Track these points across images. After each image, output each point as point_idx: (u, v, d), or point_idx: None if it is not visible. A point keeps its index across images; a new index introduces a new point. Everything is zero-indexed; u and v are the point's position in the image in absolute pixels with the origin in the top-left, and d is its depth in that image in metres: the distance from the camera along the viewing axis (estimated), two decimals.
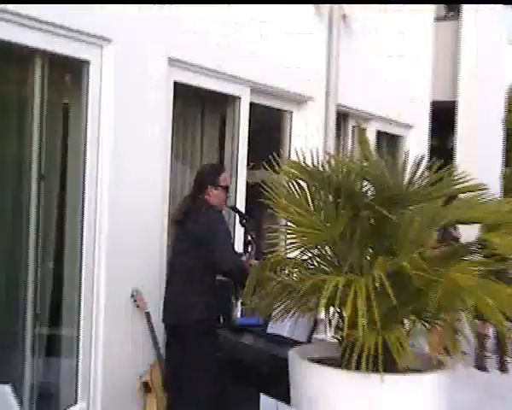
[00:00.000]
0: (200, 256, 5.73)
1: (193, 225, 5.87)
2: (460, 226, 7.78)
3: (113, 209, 6.16)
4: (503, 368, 10.20)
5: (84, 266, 6.09)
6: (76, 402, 5.80)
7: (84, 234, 6.10)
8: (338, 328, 4.92)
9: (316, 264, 5.02)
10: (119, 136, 6.19)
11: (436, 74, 12.11)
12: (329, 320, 4.98)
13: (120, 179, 6.22)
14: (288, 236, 5.12)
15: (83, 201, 6.10)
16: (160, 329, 6.30)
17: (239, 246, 6.82)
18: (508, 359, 10.34)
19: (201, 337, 5.75)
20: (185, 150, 7.44)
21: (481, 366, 9.99)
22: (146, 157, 6.51)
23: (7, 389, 3.95)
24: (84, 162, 6.08)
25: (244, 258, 6.15)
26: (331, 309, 4.81)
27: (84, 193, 6.09)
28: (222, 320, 6.09)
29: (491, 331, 9.82)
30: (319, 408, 4.58)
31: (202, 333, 5.76)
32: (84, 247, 6.10)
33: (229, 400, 5.69)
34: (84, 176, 6.08)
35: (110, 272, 6.16)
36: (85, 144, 6.08)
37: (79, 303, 6.10)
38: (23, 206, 5.77)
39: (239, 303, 6.88)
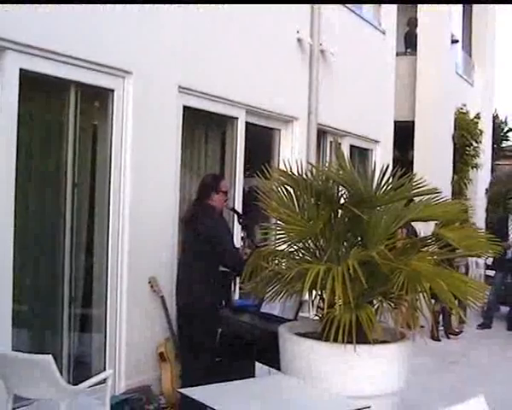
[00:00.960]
0: (206, 251, 5.70)
1: (199, 225, 5.85)
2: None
3: (134, 211, 6.15)
4: (449, 335, 10.27)
5: (109, 258, 6.07)
6: (104, 369, 5.78)
7: (110, 231, 6.08)
8: (319, 307, 4.94)
9: (301, 255, 5.04)
10: (137, 150, 6.17)
11: (397, 99, 12.12)
12: (312, 301, 5.01)
13: (139, 186, 6.20)
14: (278, 232, 5.14)
15: (109, 204, 6.08)
16: (172, 310, 6.29)
17: (237, 240, 6.82)
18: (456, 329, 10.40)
19: (206, 316, 5.72)
20: (192, 162, 7.42)
21: (435, 337, 9.97)
22: (160, 168, 6.50)
23: (49, 358, 3.96)
24: (110, 172, 6.06)
25: (240, 249, 6.17)
26: (313, 292, 4.83)
27: (109, 198, 6.07)
28: (224, 303, 6.07)
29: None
30: (304, 373, 4.59)
31: (207, 313, 5.73)
32: (109, 242, 6.08)
33: (230, 367, 5.67)
34: (109, 183, 6.06)
35: (131, 262, 6.14)
36: (110, 158, 6.07)
37: (106, 288, 6.08)
38: (60, 208, 5.75)
39: (237, 288, 6.89)
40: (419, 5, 14.03)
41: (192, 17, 6.76)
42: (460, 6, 15.72)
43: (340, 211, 5.01)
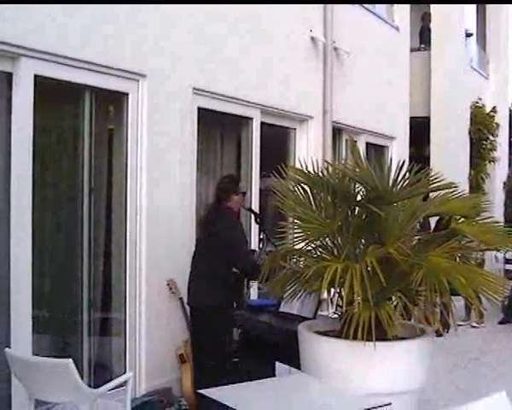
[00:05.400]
0: (219, 252, 5.69)
1: (215, 227, 5.82)
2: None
3: (151, 214, 6.16)
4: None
5: (127, 261, 6.08)
6: (125, 372, 5.79)
7: (127, 234, 6.09)
8: (338, 305, 4.92)
9: (318, 253, 5.01)
10: (153, 153, 6.19)
11: (413, 95, 12.06)
12: (331, 299, 4.98)
13: (155, 189, 6.21)
14: (295, 230, 5.12)
15: (125, 208, 6.09)
16: None
17: (255, 240, 6.80)
18: (475, 324, 10.30)
19: (217, 317, 5.70)
20: (208, 164, 7.43)
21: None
22: (176, 170, 6.49)
23: (69, 362, 3.96)
24: (126, 176, 6.08)
25: (257, 252, 6.16)
26: (332, 290, 4.80)
27: (126, 201, 6.08)
28: (235, 304, 6.06)
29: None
30: (324, 371, 4.57)
31: (217, 314, 5.71)
32: (127, 245, 6.09)
33: (249, 367, 5.65)
34: (126, 187, 6.07)
35: (149, 265, 6.16)
36: (126, 162, 6.08)
37: (125, 292, 6.09)
38: (77, 213, 5.78)
39: (250, 290, 6.89)
40: None
41: (205, 18, 6.77)
42: None
43: (357, 208, 4.98)
